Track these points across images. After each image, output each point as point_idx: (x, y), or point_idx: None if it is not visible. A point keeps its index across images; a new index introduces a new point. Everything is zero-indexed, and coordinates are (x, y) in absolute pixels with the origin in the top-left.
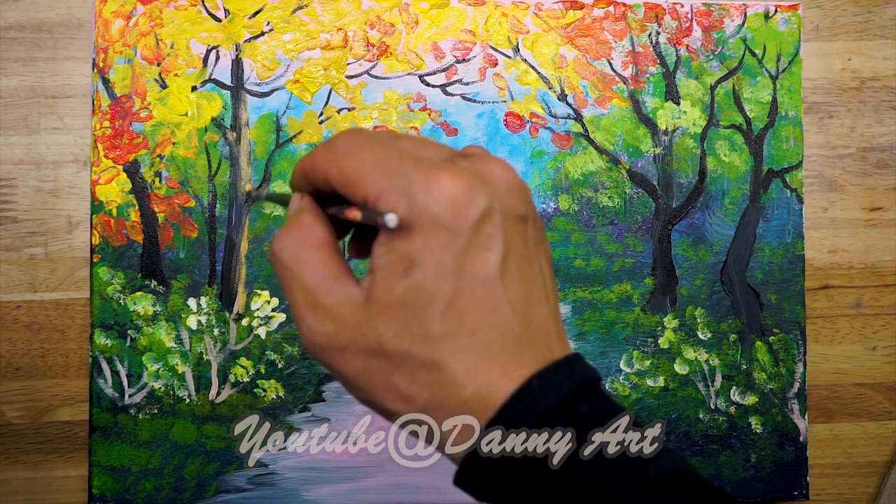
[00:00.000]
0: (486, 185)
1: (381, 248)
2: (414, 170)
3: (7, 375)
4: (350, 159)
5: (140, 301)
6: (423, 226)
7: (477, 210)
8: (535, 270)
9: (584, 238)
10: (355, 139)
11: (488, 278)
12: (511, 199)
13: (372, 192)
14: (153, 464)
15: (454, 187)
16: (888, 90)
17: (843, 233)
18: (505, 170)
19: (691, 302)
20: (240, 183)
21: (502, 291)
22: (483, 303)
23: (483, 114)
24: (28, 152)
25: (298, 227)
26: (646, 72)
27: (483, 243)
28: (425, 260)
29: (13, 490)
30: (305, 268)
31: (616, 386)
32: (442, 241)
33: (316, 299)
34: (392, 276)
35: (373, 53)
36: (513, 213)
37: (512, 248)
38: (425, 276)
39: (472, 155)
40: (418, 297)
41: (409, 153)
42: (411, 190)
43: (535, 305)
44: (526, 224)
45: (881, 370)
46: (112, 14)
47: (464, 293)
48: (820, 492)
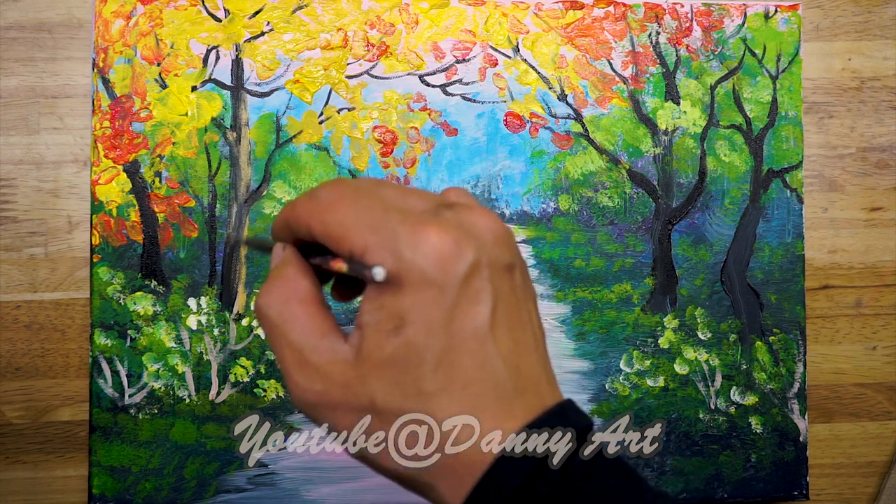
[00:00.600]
0: (473, 238)
1: (368, 304)
2: (400, 224)
3: (7, 375)
4: (334, 211)
5: (140, 301)
6: (412, 282)
7: (465, 264)
8: (523, 318)
9: (584, 238)
10: (338, 190)
11: (478, 332)
12: (497, 249)
13: (358, 245)
14: (153, 464)
15: (441, 242)
16: (888, 90)
17: (843, 233)
18: (490, 220)
19: (691, 302)
20: (240, 183)
21: (492, 344)
22: (474, 357)
23: (483, 114)
24: (28, 152)
25: (283, 282)
26: (646, 72)
27: (472, 297)
28: (415, 317)
29: (13, 490)
30: (292, 325)
31: (616, 386)
32: (431, 298)
33: (304, 357)
34: (382, 333)
35: (373, 53)
36: (500, 264)
37: (500, 298)
38: (416, 333)
39: (456, 204)
40: (409, 354)
41: (393, 205)
42: (398, 245)
43: (524, 354)
44: (513, 273)
45: (881, 370)
46: (112, 14)
47: (455, 349)
48: (820, 492)
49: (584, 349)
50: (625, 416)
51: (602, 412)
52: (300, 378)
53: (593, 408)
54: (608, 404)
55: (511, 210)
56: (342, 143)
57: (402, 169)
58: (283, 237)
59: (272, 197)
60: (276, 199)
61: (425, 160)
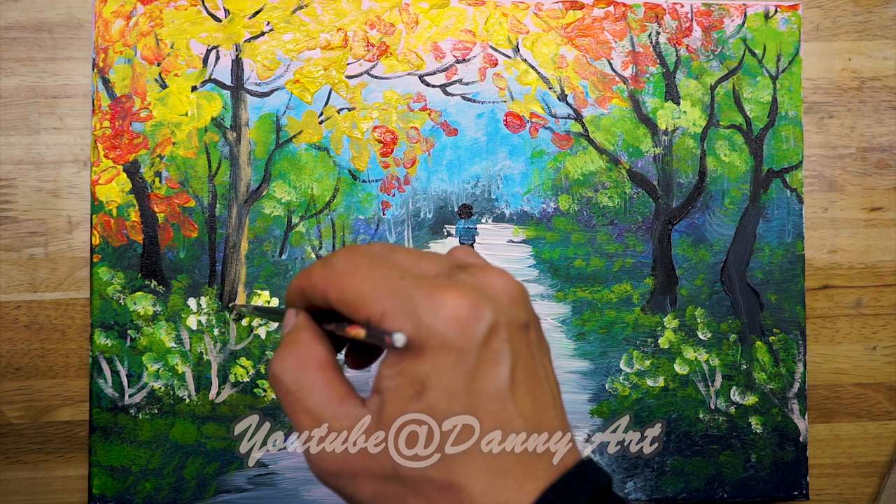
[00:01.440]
0: (489, 300)
1: (388, 369)
2: (417, 290)
3: (7, 375)
4: (351, 279)
5: (140, 301)
6: (432, 347)
7: (483, 327)
8: (540, 375)
9: (584, 238)
10: (354, 258)
11: (500, 394)
12: (514, 309)
13: (376, 312)
14: (153, 464)
15: (459, 306)
16: (888, 90)
17: (843, 233)
18: (505, 280)
19: (691, 302)
20: (240, 183)
21: (513, 404)
22: (495, 417)
23: (483, 114)
24: (28, 152)
25: (298, 348)
26: (646, 72)
27: (492, 359)
28: (436, 382)
29: (13, 490)
30: (309, 391)
31: (616, 386)
32: (451, 362)
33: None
34: (403, 399)
35: (373, 53)
36: (517, 324)
37: (519, 358)
38: (438, 398)
39: (470, 266)
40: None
41: (408, 271)
42: (416, 311)
43: (544, 412)
44: (529, 331)
45: (881, 370)
46: (112, 14)
47: (476, 410)
48: (820, 492)
49: (584, 349)
50: (625, 416)
51: (602, 412)
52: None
53: (593, 408)
54: (608, 404)
55: (511, 210)
56: (342, 143)
57: (402, 169)
58: (297, 304)
59: (272, 197)
60: (276, 199)
61: (425, 160)
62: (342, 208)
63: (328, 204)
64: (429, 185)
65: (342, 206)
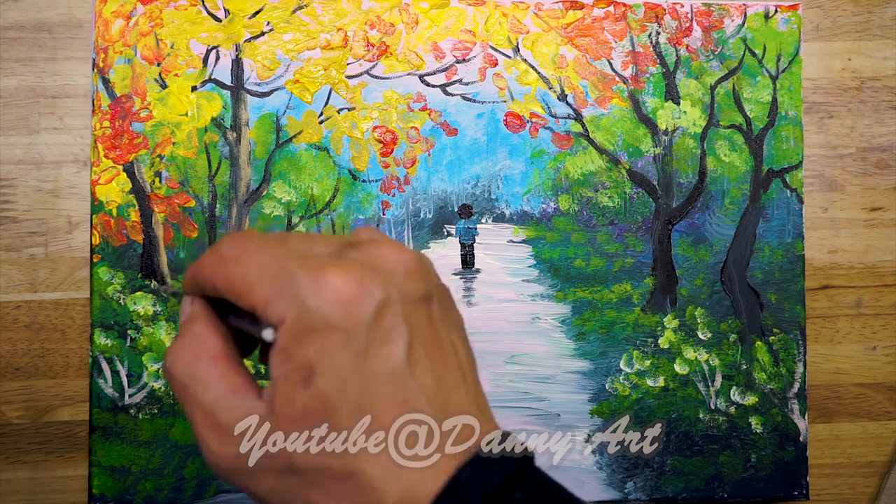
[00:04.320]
0: (380, 274)
1: (277, 357)
2: (300, 270)
3: (7, 375)
4: (235, 266)
5: (140, 301)
6: (317, 330)
7: (372, 304)
8: (446, 350)
9: (584, 238)
10: (241, 243)
11: (395, 373)
12: (410, 282)
13: (260, 300)
14: (153, 464)
15: (343, 284)
16: (888, 90)
17: (843, 233)
18: (400, 252)
19: (691, 302)
20: (240, 183)
21: (413, 383)
22: (393, 399)
23: (483, 114)
24: (28, 152)
25: (191, 339)
26: (646, 72)
27: (383, 337)
28: (324, 366)
29: (13, 490)
30: (203, 385)
31: (616, 386)
32: (338, 344)
33: (216, 419)
34: (291, 386)
35: (373, 53)
36: (414, 297)
37: (417, 334)
38: (326, 382)
39: (363, 242)
40: (323, 406)
41: (295, 252)
42: (299, 294)
43: (451, 390)
44: (430, 304)
45: (881, 370)
46: (112, 14)
47: (371, 393)
48: (820, 492)
49: (584, 349)
50: (625, 416)
51: (602, 412)
52: (213, 442)
53: (593, 408)
54: (608, 404)
55: (511, 210)
56: (342, 143)
57: (402, 169)
58: (193, 292)
59: (272, 197)
60: (276, 199)
61: (425, 160)
62: (342, 208)
63: (328, 204)
64: (429, 185)
65: (342, 206)
